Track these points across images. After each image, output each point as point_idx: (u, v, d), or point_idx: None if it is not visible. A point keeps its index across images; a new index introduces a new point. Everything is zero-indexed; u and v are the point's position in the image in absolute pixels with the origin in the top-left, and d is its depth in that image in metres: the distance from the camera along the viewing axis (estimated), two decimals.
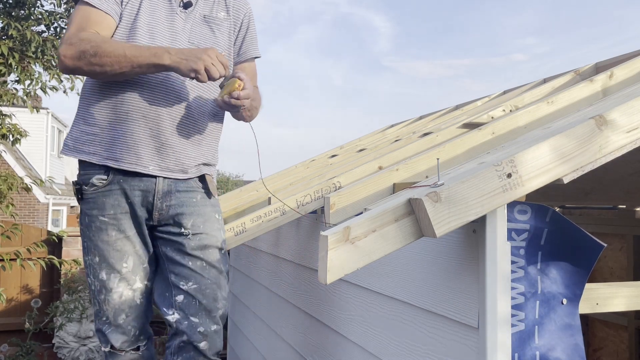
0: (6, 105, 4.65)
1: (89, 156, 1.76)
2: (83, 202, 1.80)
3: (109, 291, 1.80)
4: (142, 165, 1.75)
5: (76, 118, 1.82)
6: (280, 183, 3.21)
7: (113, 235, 1.78)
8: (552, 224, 1.18)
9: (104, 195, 1.77)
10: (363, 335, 1.69)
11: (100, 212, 1.77)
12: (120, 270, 1.80)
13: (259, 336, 2.99)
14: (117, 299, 1.81)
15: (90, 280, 1.83)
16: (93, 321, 4.77)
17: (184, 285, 1.80)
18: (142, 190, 1.77)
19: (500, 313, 1.11)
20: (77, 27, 1.71)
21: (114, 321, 1.82)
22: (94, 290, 1.83)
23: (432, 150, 1.71)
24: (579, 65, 2.39)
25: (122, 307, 1.82)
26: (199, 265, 1.81)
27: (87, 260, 1.83)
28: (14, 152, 14.68)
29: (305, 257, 2.20)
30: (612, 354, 3.27)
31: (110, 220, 1.77)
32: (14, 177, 4.61)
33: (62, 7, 4.90)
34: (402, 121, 4.29)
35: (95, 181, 1.76)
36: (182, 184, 1.83)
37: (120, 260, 1.80)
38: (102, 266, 1.79)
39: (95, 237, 1.79)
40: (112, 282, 1.80)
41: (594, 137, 1.11)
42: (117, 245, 1.79)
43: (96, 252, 1.79)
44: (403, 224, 1.07)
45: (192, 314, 1.80)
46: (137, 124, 1.73)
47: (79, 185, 1.79)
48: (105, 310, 1.82)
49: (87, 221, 1.80)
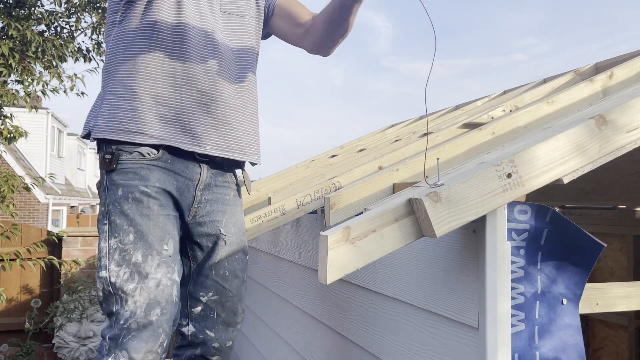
0: (7, 105, 4.65)
1: (131, 135, 1.50)
2: (118, 172, 1.50)
3: (144, 277, 1.46)
4: (199, 145, 1.54)
5: (105, 95, 1.57)
6: (280, 183, 3.22)
7: (155, 209, 1.50)
8: (552, 224, 1.18)
9: (147, 168, 1.51)
10: (363, 335, 1.69)
11: (142, 182, 1.50)
12: (161, 251, 1.49)
13: (259, 336, 2.99)
14: (153, 288, 1.46)
15: (110, 271, 1.47)
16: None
17: (203, 297, 1.65)
18: (187, 177, 1.57)
19: (500, 313, 1.11)
20: None
21: (145, 317, 1.45)
22: (115, 282, 1.46)
23: (432, 150, 1.71)
24: (578, 65, 2.39)
25: (159, 298, 1.47)
26: (222, 275, 1.65)
27: (113, 244, 1.48)
28: (14, 152, 14.68)
29: (305, 257, 2.20)
30: (612, 354, 3.26)
31: (153, 193, 1.50)
32: (15, 177, 4.61)
33: (62, 6, 4.90)
34: (402, 121, 4.29)
35: (143, 151, 1.51)
36: (220, 177, 1.65)
37: (161, 240, 1.50)
38: (138, 245, 1.47)
39: (132, 209, 1.48)
40: (149, 265, 1.47)
41: (593, 137, 1.11)
42: (160, 222, 1.50)
43: (132, 228, 1.47)
44: (403, 224, 1.07)
45: (209, 328, 1.65)
46: (191, 98, 1.54)
47: (114, 153, 1.51)
48: (131, 306, 1.45)
49: (120, 193, 1.49)
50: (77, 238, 5.07)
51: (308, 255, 2.17)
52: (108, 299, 1.48)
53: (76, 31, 5.01)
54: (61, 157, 18.86)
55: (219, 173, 1.65)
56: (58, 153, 18.33)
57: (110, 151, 1.51)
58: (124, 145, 1.51)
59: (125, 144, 1.51)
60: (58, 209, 16.73)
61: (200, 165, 1.59)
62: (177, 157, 1.55)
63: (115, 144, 1.52)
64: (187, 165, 1.57)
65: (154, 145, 1.52)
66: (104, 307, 1.50)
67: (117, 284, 1.46)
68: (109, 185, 1.52)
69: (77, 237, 5.07)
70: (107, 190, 1.52)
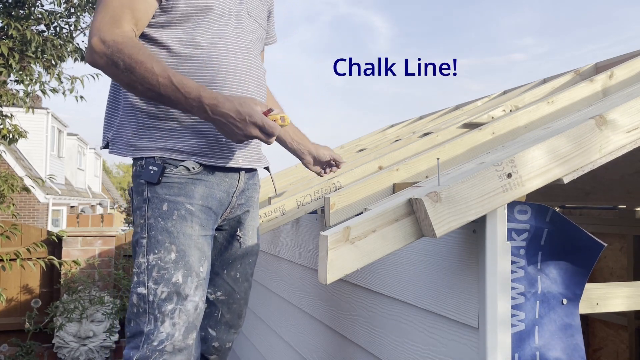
0: (6, 105, 4.65)
1: (168, 153, 1.47)
2: (164, 186, 1.46)
3: (183, 299, 1.42)
4: (234, 159, 1.53)
5: (130, 110, 1.51)
6: (280, 183, 3.22)
7: (197, 229, 1.47)
8: (552, 224, 1.17)
9: (192, 183, 1.48)
10: (363, 335, 1.69)
11: (188, 200, 1.46)
12: (199, 273, 1.46)
13: (259, 336, 2.99)
14: (192, 311, 1.43)
15: (149, 288, 1.41)
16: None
17: (211, 294, 1.63)
18: (228, 185, 1.56)
19: (500, 313, 1.11)
20: (111, 15, 1.41)
21: (183, 341, 1.41)
22: (152, 300, 1.40)
23: (432, 150, 1.71)
24: (578, 65, 2.39)
25: (196, 322, 1.44)
26: (233, 276, 1.65)
27: (152, 260, 1.43)
28: (14, 152, 14.68)
29: (305, 257, 2.20)
30: (612, 354, 3.26)
31: (197, 212, 1.47)
32: (14, 177, 4.61)
33: (62, 6, 4.90)
34: (402, 121, 4.29)
35: (189, 165, 1.48)
36: (251, 179, 1.65)
37: (199, 262, 1.46)
38: (179, 265, 1.43)
39: (177, 228, 1.44)
40: (189, 287, 1.43)
41: (594, 137, 1.11)
42: (199, 243, 1.47)
43: (174, 246, 1.43)
44: (403, 224, 1.07)
45: (212, 326, 1.64)
46: None
47: (161, 165, 1.46)
48: (168, 328, 1.40)
49: (165, 208, 1.44)
50: (77, 238, 5.06)
51: (308, 255, 2.16)
52: (140, 317, 1.42)
53: (75, 31, 5.01)
54: (61, 157, 18.86)
55: (250, 176, 1.66)
56: (58, 153, 18.33)
57: (156, 163, 1.47)
58: (168, 158, 1.48)
59: (164, 158, 1.48)
60: (58, 209, 16.73)
61: (240, 173, 1.59)
62: (218, 169, 1.53)
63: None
64: (227, 174, 1.56)
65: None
66: (132, 326, 1.43)
67: (155, 302, 1.41)
68: (152, 198, 1.46)
69: (77, 237, 5.06)
70: (149, 203, 1.46)
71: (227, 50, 1.54)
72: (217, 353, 1.67)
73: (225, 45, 1.54)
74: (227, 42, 1.55)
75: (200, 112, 1.37)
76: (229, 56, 1.54)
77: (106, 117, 1.60)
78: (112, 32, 1.39)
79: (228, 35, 1.56)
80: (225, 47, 1.54)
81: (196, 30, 1.51)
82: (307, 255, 2.17)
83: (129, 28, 1.42)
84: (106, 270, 5.10)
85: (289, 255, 2.44)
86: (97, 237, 5.11)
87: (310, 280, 2.17)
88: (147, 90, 1.37)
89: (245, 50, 1.59)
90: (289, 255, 2.45)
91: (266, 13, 1.78)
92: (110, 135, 1.55)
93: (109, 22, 1.40)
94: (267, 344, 2.81)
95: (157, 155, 1.47)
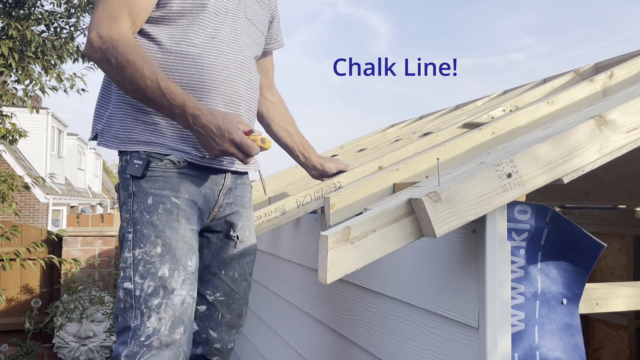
0: (6, 105, 4.65)
1: (152, 146, 1.48)
2: (147, 180, 1.45)
3: (170, 293, 1.41)
4: (218, 160, 1.52)
5: (120, 104, 1.51)
6: (280, 183, 3.22)
7: (183, 223, 1.46)
8: (552, 224, 1.18)
9: (178, 177, 1.47)
10: (363, 335, 1.69)
11: (174, 193, 1.46)
12: (186, 267, 1.45)
13: (259, 336, 2.99)
14: (178, 305, 1.42)
15: (135, 283, 1.41)
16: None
17: (210, 296, 1.63)
18: (213, 183, 1.55)
19: (500, 313, 1.11)
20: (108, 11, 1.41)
21: (169, 336, 1.40)
22: (139, 295, 1.40)
23: (432, 150, 1.71)
24: (577, 65, 2.39)
25: (183, 316, 1.43)
26: (231, 276, 1.65)
27: (137, 255, 1.42)
28: (14, 152, 14.68)
29: (305, 257, 2.20)
30: (612, 354, 3.26)
31: (183, 205, 1.47)
32: (14, 176, 4.61)
33: (62, 7, 4.90)
34: (402, 121, 4.29)
35: (174, 159, 1.47)
36: (239, 179, 1.65)
37: (186, 256, 1.45)
38: (165, 259, 1.42)
39: (162, 221, 1.43)
40: (175, 280, 1.42)
41: (594, 137, 1.11)
42: (186, 236, 1.47)
43: (160, 240, 1.42)
44: (403, 224, 1.07)
45: (212, 328, 1.64)
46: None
47: (146, 159, 1.45)
48: (154, 322, 1.39)
49: (150, 202, 1.44)
50: (77, 238, 5.07)
51: (308, 255, 2.17)
52: (127, 312, 1.41)
53: (76, 31, 5.01)
54: (61, 157, 18.86)
55: (238, 176, 1.66)
56: (58, 153, 18.34)
57: (141, 157, 1.46)
58: (153, 152, 1.48)
59: (149, 151, 1.48)
60: (58, 209, 16.74)
61: (225, 172, 1.59)
62: (203, 167, 1.53)
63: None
64: (213, 172, 1.56)
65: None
66: (120, 321, 1.43)
67: (141, 297, 1.40)
68: (137, 192, 1.46)
69: (77, 237, 5.07)
70: (134, 197, 1.45)
71: (218, 50, 1.55)
72: (220, 354, 1.67)
73: (217, 44, 1.55)
74: (220, 41, 1.56)
75: (182, 120, 1.39)
76: (219, 56, 1.55)
77: (97, 109, 1.59)
78: (110, 27, 1.39)
79: (222, 35, 1.57)
80: (217, 46, 1.55)
81: (190, 29, 1.52)
82: (307, 255, 2.17)
83: (127, 24, 1.42)
84: (106, 270, 5.10)
85: (289, 255, 2.45)
86: (97, 237, 5.12)
87: (311, 280, 2.17)
88: (135, 90, 1.39)
89: (238, 52, 1.60)
90: (289, 255, 2.45)
91: (267, 18, 1.79)
92: (100, 127, 1.55)
93: (108, 18, 1.41)
94: (268, 344, 2.81)
95: (142, 150, 1.47)
